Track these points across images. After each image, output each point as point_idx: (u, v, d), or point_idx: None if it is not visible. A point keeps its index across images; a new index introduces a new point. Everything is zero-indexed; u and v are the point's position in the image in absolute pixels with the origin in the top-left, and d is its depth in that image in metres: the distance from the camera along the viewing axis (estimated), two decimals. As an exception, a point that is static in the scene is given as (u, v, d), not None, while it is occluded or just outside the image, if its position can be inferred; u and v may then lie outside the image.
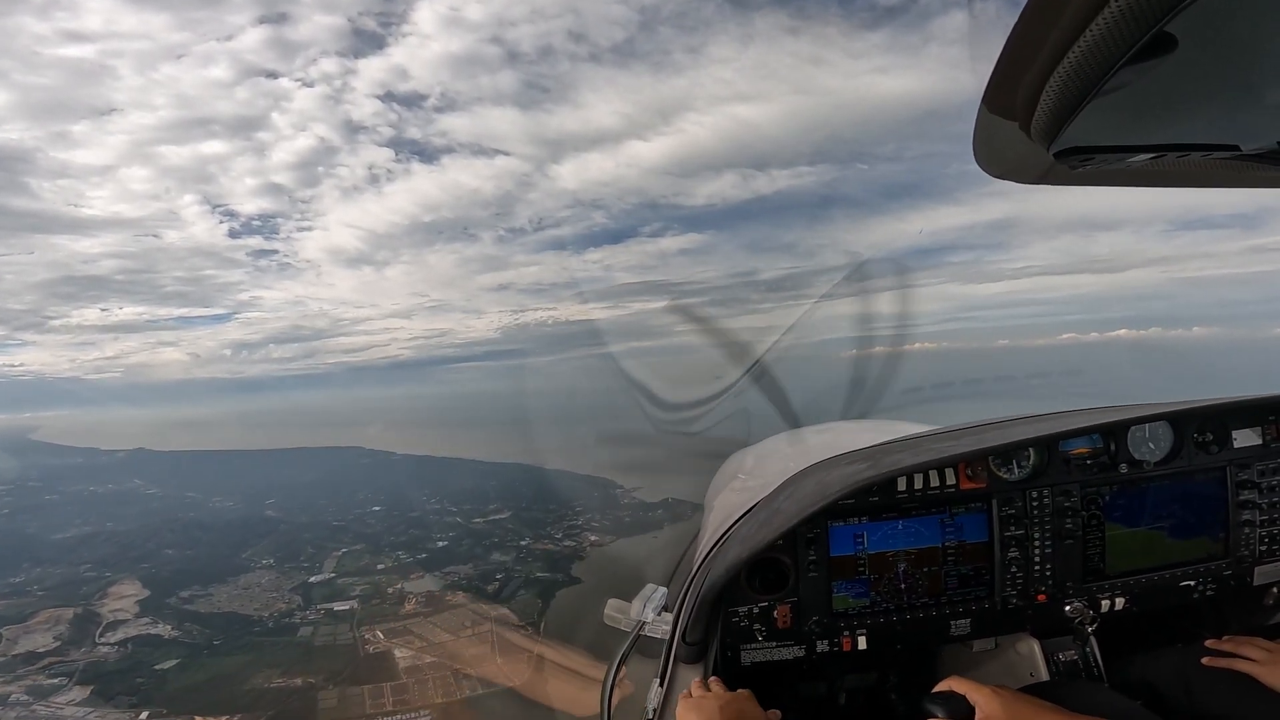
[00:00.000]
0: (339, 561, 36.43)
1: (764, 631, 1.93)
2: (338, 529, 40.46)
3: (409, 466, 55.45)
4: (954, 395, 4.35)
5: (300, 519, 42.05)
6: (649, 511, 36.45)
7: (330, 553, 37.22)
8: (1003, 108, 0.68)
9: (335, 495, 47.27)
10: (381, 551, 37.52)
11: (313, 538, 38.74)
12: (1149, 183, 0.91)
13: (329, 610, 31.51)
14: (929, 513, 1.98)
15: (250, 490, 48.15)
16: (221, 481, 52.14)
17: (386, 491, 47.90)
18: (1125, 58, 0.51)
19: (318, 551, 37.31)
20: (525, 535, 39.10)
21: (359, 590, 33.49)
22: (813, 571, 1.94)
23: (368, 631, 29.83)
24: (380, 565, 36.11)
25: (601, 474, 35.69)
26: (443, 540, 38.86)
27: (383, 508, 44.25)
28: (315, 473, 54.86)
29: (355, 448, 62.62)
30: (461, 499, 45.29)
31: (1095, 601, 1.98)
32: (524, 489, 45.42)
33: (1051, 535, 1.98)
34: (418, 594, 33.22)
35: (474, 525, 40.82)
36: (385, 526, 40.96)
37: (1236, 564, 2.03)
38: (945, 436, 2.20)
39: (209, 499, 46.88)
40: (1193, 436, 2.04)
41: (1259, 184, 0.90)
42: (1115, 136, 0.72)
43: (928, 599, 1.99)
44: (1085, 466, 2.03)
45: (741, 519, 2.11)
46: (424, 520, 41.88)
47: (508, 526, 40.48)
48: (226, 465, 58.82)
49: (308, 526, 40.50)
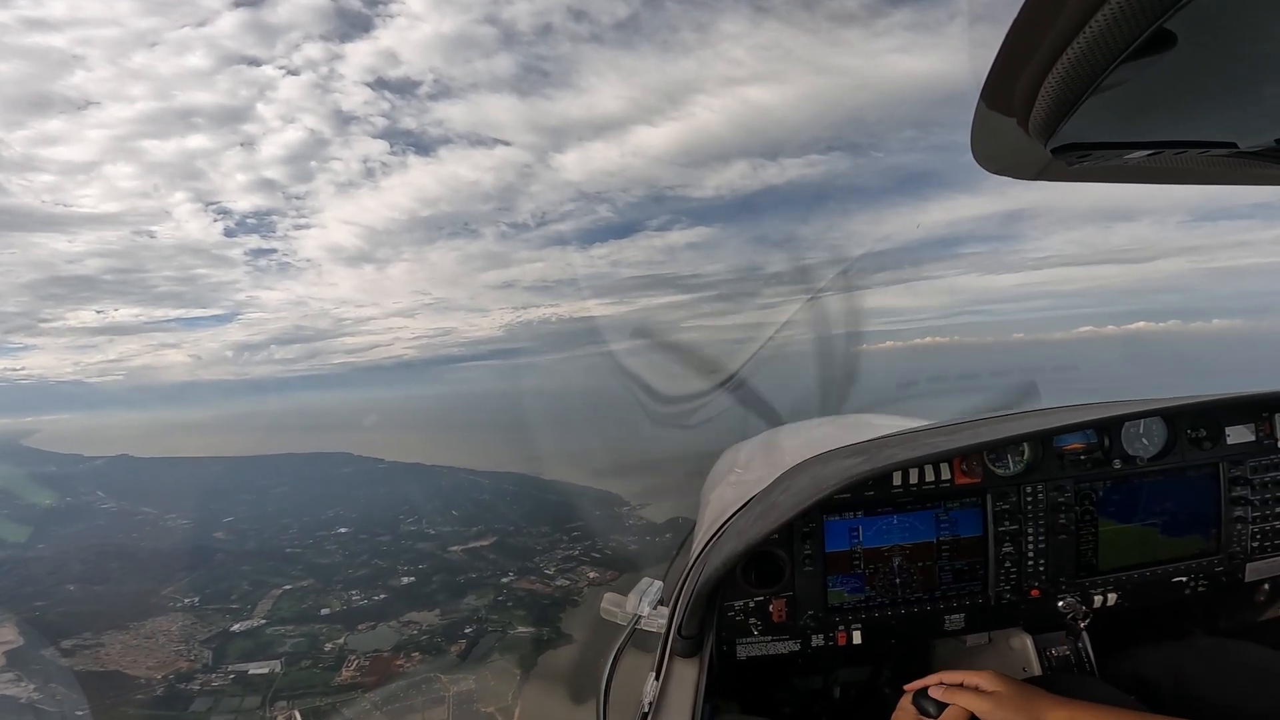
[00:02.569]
0: (276, 603, 29.31)
1: (759, 625, 1.94)
2: (289, 558, 33.55)
3: (395, 476, 49.26)
4: (949, 390, 4.28)
5: (248, 545, 35.44)
6: (657, 535, 28.69)
7: (269, 590, 30.19)
8: (1001, 104, 0.68)
9: (302, 513, 40.82)
10: (332, 590, 30.31)
11: (254, 570, 31.90)
12: (1146, 179, 0.90)
13: (241, 674, 24.28)
14: (924, 507, 1.99)
15: (212, 505, 42.33)
16: (188, 493, 46.92)
17: (360, 508, 41.20)
18: (1124, 54, 0.51)
19: (254, 589, 30.35)
20: (510, 568, 31.40)
21: (290, 644, 26.27)
22: (808, 566, 1.95)
23: (282, 714, 22.35)
24: (325, 609, 28.84)
25: (604, 485, 31.72)
26: (409, 575, 31.44)
27: (350, 529, 37.31)
28: (292, 482, 48.96)
29: (343, 453, 57.11)
30: (442, 518, 38.26)
31: (1088, 597, 2.00)
32: (517, 505, 40.68)
33: (1045, 531, 2.00)
34: (362, 654, 25.69)
35: (450, 556, 33.34)
36: (346, 556, 33.87)
37: (1228, 560, 2.06)
38: (940, 431, 2.21)
39: (164, 515, 41.09)
40: (1186, 433, 2.05)
41: (1257, 181, 0.90)
42: (1113, 133, 0.72)
43: (922, 594, 2.01)
44: (1079, 462, 2.04)
45: (737, 513, 2.10)
46: (393, 548, 34.65)
47: (489, 558, 32.84)
48: (203, 473, 53.70)
49: (253, 555, 33.77)
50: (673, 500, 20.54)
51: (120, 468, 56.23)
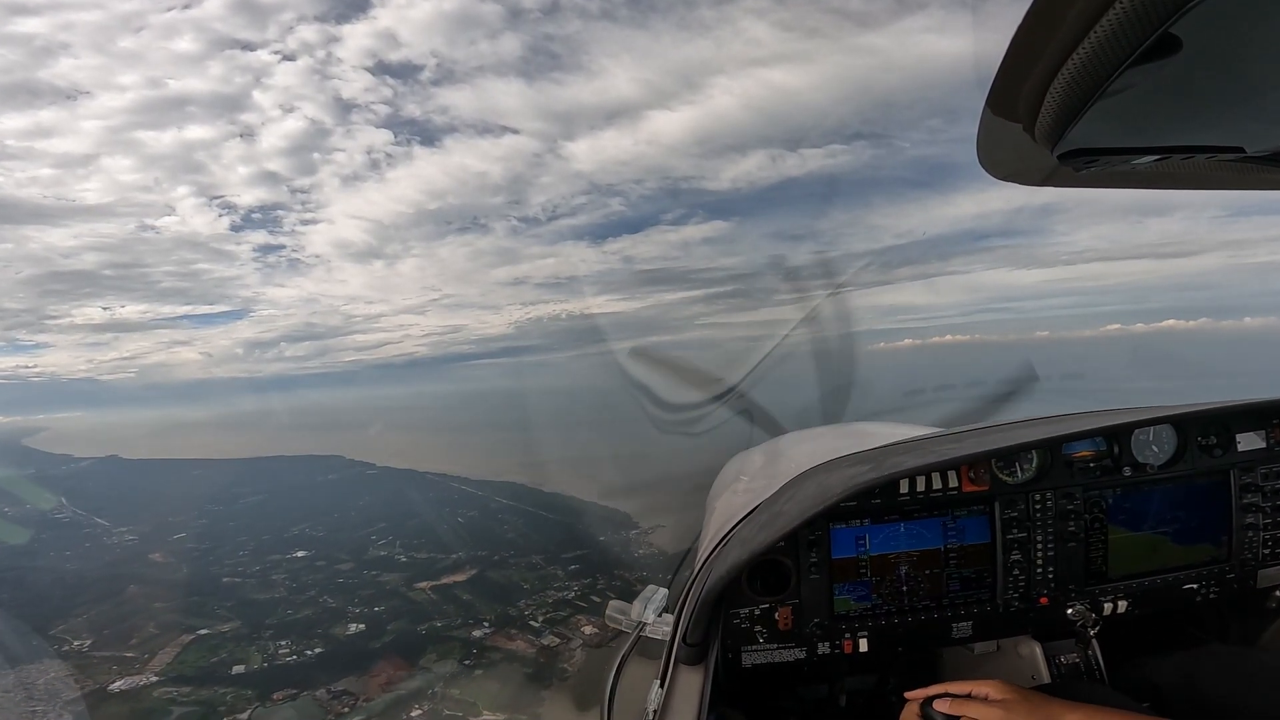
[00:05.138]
0: (181, 653, 22.75)
1: (765, 633, 1.92)
2: (223, 591, 27.16)
3: (382, 484, 43.05)
4: (957, 397, 4.03)
5: (180, 572, 29.24)
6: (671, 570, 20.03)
7: (178, 636, 23.65)
8: (1007, 110, 0.67)
9: (265, 529, 34.83)
10: (258, 638, 23.57)
11: (169, 607, 25.61)
12: (1153, 185, 0.89)
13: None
14: (931, 515, 1.95)
15: (172, 518, 36.91)
16: (157, 501, 41.94)
17: (330, 524, 34.79)
18: (1130, 59, 0.51)
19: (161, 633, 23.98)
20: (486, 616, 23.95)
21: (175, 716, 19.49)
22: (814, 574, 1.92)
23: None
24: (240, 666, 22.05)
25: (610, 501, 27.09)
26: (359, 621, 24.35)
27: (310, 553, 30.72)
28: (269, 490, 43.30)
29: (335, 456, 51.48)
30: (420, 540, 31.25)
31: (1097, 604, 1.96)
32: (509, 525, 33.44)
33: (1054, 538, 1.97)
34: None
35: (415, 593, 26.18)
36: (292, 589, 27.20)
37: (1240, 567, 2.02)
38: (948, 439, 2.19)
39: (113, 529, 35.78)
40: (1196, 440, 2.01)
41: (1264, 186, 0.89)
42: (1119, 138, 0.71)
43: (929, 601, 1.97)
44: (1088, 469, 2.00)
45: (743, 520, 2.05)
46: (350, 580, 27.79)
47: (462, 599, 25.41)
48: (183, 477, 49.23)
49: (180, 586, 27.61)
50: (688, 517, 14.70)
51: (104, 470, 52.45)
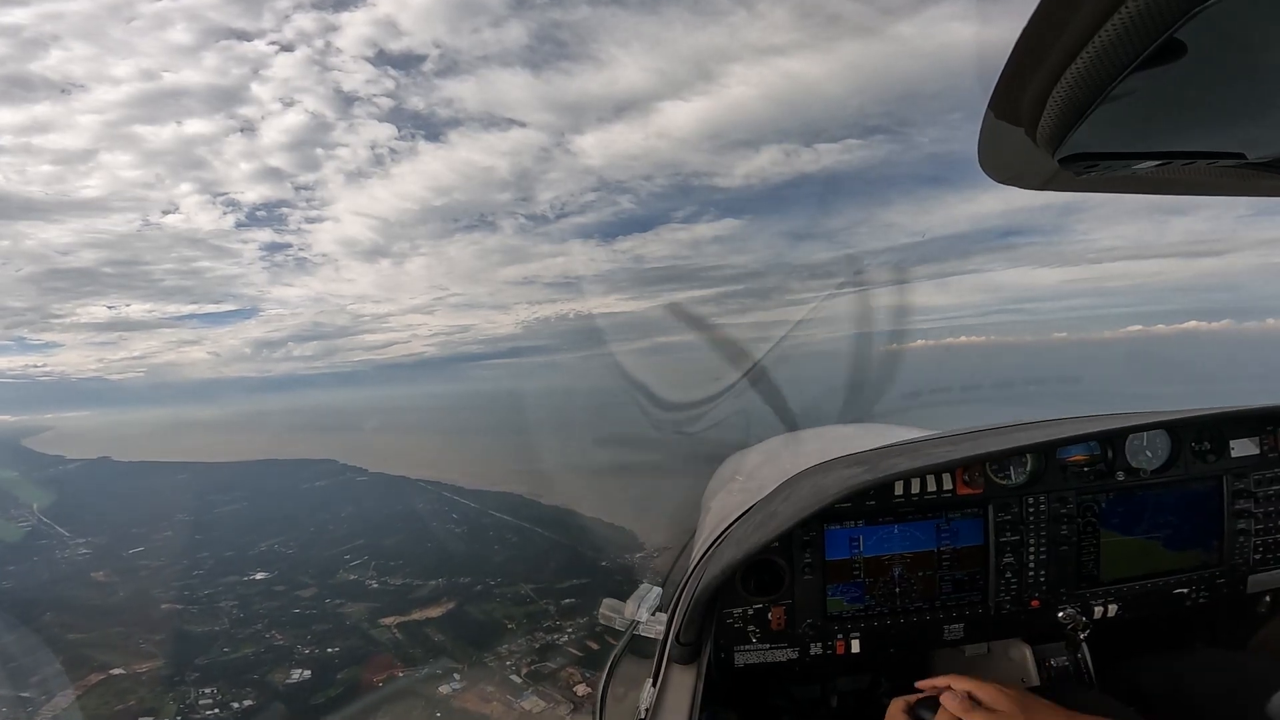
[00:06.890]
0: (82, 698, 18.57)
1: (758, 633, 1.90)
2: (156, 622, 23.12)
3: (372, 492, 39.26)
4: (953, 400, 4.14)
5: (117, 595, 25.39)
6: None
7: (86, 675, 19.58)
8: (1009, 113, 0.67)
9: (230, 544, 31.10)
10: (179, 682, 19.40)
11: (85, 640, 21.78)
12: (1155, 190, 0.89)
13: None
14: (925, 517, 1.95)
15: (135, 529, 33.56)
16: (129, 508, 39.18)
17: (303, 539, 30.77)
18: (1133, 64, 0.50)
19: (70, 668, 19.86)
20: (458, 665, 19.17)
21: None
22: (808, 574, 1.91)
23: None
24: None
25: (615, 518, 24.25)
26: (306, 667, 19.82)
27: (272, 575, 26.49)
28: (250, 498, 39.74)
29: (328, 460, 47.98)
30: (397, 562, 26.84)
31: (1088, 608, 1.96)
32: (500, 545, 28.99)
33: (1047, 542, 1.96)
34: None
35: (378, 631, 21.66)
36: (237, 621, 23.06)
37: (1230, 572, 2.02)
38: (943, 441, 2.16)
39: (71, 540, 32.37)
40: (1190, 445, 2.03)
41: (1266, 193, 0.89)
42: (1121, 143, 0.71)
43: (922, 603, 1.96)
44: (1082, 474, 2.00)
45: (738, 520, 2.06)
46: (308, 611, 23.54)
47: (434, 640, 20.67)
48: (167, 482, 46.16)
49: (110, 613, 23.85)
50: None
51: (91, 473, 49.79)
